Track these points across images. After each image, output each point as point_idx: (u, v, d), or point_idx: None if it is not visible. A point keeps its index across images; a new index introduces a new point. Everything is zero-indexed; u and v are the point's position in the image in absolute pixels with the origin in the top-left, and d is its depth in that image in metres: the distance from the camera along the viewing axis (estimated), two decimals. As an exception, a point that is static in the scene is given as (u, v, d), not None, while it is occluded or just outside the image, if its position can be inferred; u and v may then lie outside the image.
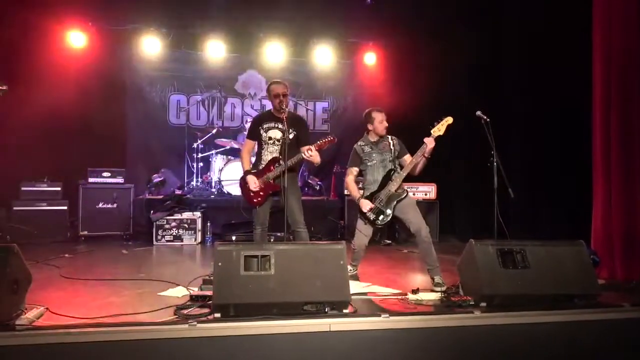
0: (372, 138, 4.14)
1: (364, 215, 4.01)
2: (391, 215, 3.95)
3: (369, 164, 4.11)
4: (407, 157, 4.07)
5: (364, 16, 7.67)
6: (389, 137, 4.14)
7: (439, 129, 3.93)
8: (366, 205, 3.98)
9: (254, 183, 4.01)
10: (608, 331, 2.99)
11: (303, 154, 3.86)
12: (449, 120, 3.94)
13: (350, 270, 4.07)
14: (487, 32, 6.27)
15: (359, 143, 4.18)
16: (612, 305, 3.17)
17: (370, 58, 8.27)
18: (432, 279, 3.82)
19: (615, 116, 4.39)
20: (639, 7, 4.32)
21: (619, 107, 4.37)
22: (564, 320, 2.95)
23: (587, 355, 2.95)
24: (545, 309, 2.98)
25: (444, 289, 3.51)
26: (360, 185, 4.29)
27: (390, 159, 4.07)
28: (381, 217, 3.97)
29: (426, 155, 3.88)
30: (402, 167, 4.04)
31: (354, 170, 4.18)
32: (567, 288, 3.16)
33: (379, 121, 4.06)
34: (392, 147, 4.09)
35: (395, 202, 3.95)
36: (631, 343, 3.00)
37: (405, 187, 4.05)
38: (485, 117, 3.97)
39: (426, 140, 3.87)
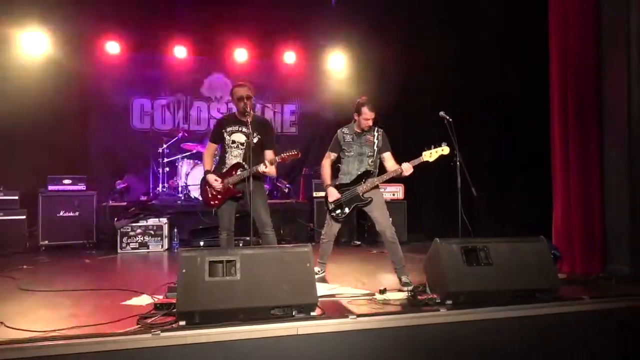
0: (357, 129, 4.10)
1: (326, 201, 4.07)
2: (347, 214, 4.01)
3: (347, 154, 4.10)
4: (387, 155, 4.07)
5: (329, 19, 7.69)
6: (375, 128, 4.07)
7: (431, 155, 3.83)
8: (332, 196, 4.03)
9: (214, 180, 3.95)
10: (569, 323, 3.09)
11: (259, 167, 3.80)
12: (444, 150, 3.83)
13: (318, 271, 4.08)
14: (455, 34, 6.37)
15: (342, 129, 4.16)
16: (572, 298, 3.28)
17: (336, 60, 8.29)
18: (399, 278, 3.86)
19: (573, 119, 4.53)
20: (592, 11, 4.48)
21: (575, 110, 4.51)
22: (527, 315, 3.03)
23: (550, 347, 3.03)
24: (509, 304, 3.05)
25: (411, 288, 3.54)
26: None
27: (370, 153, 4.04)
28: (338, 211, 4.03)
29: (404, 174, 3.86)
30: (381, 162, 4.05)
31: (332, 155, 4.19)
32: (529, 283, 3.24)
33: (365, 118, 3.97)
34: (375, 141, 4.03)
35: (355, 205, 3.99)
36: (590, 334, 3.10)
37: (380, 190, 4.08)
38: (448, 118, 4.01)
39: (404, 166, 3.84)
